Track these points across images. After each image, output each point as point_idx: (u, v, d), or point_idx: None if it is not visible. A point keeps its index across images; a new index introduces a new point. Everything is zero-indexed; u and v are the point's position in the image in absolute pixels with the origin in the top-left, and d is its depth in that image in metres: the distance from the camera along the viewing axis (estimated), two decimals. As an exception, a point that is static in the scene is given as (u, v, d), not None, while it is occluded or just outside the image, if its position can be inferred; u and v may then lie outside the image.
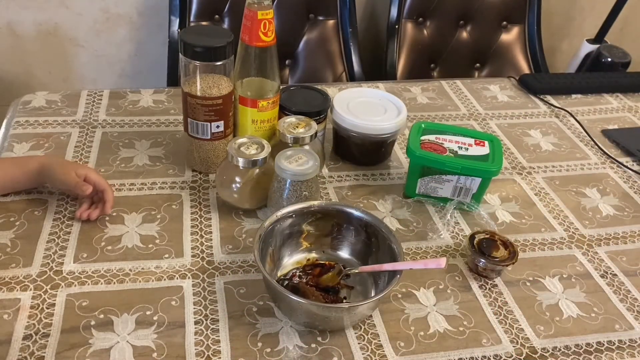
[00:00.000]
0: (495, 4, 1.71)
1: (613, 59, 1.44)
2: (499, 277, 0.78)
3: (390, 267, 0.69)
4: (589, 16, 2.01)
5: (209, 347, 0.65)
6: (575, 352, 0.69)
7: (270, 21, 0.79)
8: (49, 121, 0.98)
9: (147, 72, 1.81)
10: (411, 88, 1.21)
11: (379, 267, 0.71)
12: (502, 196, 0.93)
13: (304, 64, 1.66)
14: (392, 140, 0.95)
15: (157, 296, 0.70)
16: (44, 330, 0.64)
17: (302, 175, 0.76)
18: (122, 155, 0.92)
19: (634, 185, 0.99)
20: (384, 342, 0.68)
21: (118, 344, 0.64)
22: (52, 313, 0.66)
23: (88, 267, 0.72)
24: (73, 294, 0.69)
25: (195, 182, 0.88)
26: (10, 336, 0.63)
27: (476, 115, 1.14)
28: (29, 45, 1.69)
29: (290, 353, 0.65)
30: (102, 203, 0.79)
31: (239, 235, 0.80)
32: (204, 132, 0.85)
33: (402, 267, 0.68)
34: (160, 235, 0.78)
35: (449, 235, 0.84)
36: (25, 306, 0.67)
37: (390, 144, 0.96)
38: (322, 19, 1.64)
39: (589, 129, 1.12)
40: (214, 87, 0.81)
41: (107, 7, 1.67)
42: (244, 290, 0.72)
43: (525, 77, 1.26)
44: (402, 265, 0.68)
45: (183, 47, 0.79)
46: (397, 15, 1.65)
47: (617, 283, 0.79)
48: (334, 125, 0.94)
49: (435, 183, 0.86)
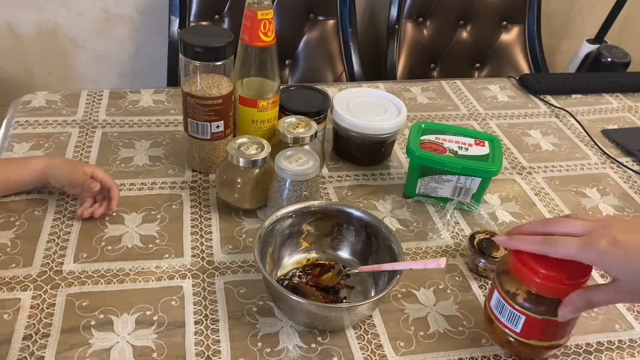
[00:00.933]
0: (495, 4, 1.71)
1: (613, 59, 1.44)
2: (499, 277, 0.78)
3: (389, 267, 0.69)
4: (589, 16, 2.01)
5: (209, 347, 0.65)
6: (575, 352, 0.69)
7: (270, 21, 0.79)
8: (49, 121, 0.98)
9: (147, 72, 1.82)
10: (411, 88, 1.21)
11: (379, 267, 0.71)
12: (502, 196, 0.93)
13: (304, 64, 1.66)
14: (392, 140, 0.95)
15: (157, 296, 0.70)
16: (44, 330, 0.64)
17: (302, 175, 0.76)
18: (122, 155, 0.92)
19: (634, 185, 0.99)
20: (384, 342, 0.68)
21: (118, 344, 0.64)
22: (52, 313, 0.66)
23: (88, 267, 0.72)
24: (73, 293, 0.69)
25: (195, 182, 0.88)
26: (11, 336, 0.63)
27: (476, 115, 1.14)
28: (29, 45, 1.70)
29: (290, 353, 0.65)
30: (107, 200, 0.79)
31: (239, 235, 0.80)
32: (204, 132, 0.85)
33: (402, 267, 0.68)
34: (160, 235, 0.78)
35: (449, 235, 0.84)
36: (25, 306, 0.67)
37: (390, 144, 0.96)
38: (322, 19, 1.64)
39: (589, 129, 1.12)
40: (214, 87, 0.81)
41: (107, 7, 1.67)
42: (244, 290, 0.72)
43: (525, 77, 1.26)
44: (402, 265, 0.68)
45: (183, 47, 0.79)
46: (397, 15, 1.65)
47: (617, 283, 0.79)
48: (334, 125, 0.94)
49: (435, 183, 0.86)
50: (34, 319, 0.65)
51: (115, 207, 0.79)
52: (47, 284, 0.70)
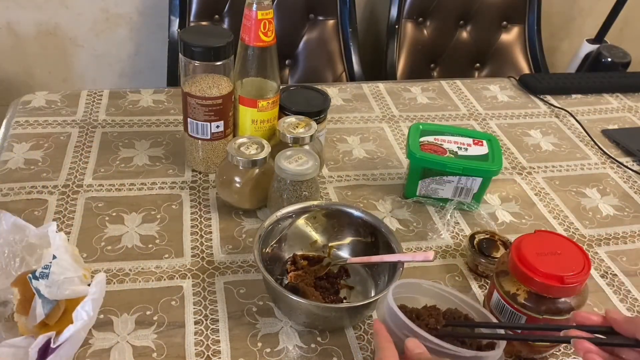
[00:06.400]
0: (495, 4, 1.71)
1: (613, 59, 1.44)
2: (499, 277, 0.78)
3: (378, 259, 0.70)
4: (589, 16, 2.01)
5: (209, 347, 0.65)
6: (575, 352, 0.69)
7: (270, 21, 0.78)
8: (48, 121, 0.98)
9: (147, 72, 1.81)
10: (411, 88, 1.21)
11: (368, 259, 0.71)
12: (502, 196, 0.93)
13: (304, 64, 1.66)
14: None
15: (157, 296, 0.70)
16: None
17: (302, 175, 0.76)
18: (122, 155, 0.92)
19: (634, 185, 0.99)
20: (384, 342, 0.67)
21: (118, 344, 0.64)
22: (52, 313, 0.66)
23: (88, 267, 0.72)
24: (73, 294, 0.69)
25: (195, 182, 0.88)
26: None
27: (476, 115, 1.14)
28: (29, 45, 1.69)
29: (290, 353, 0.65)
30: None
31: (239, 235, 0.80)
32: (204, 132, 0.85)
33: (390, 260, 0.68)
34: (160, 235, 0.78)
35: (449, 235, 0.84)
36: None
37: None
38: (322, 19, 1.64)
39: (589, 129, 1.12)
40: (214, 87, 0.81)
41: (107, 7, 1.67)
42: (244, 290, 0.72)
43: (525, 77, 1.26)
44: (391, 257, 0.68)
45: (183, 47, 0.79)
46: (397, 15, 1.65)
47: (617, 283, 0.79)
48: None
49: (436, 184, 0.86)
50: (33, 319, 0.65)
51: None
52: (47, 284, 0.70)
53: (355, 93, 1.17)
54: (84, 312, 0.58)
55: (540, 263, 0.59)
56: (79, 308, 0.58)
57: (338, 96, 1.15)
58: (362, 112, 1.11)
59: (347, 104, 1.13)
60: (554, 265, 0.59)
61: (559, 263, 0.60)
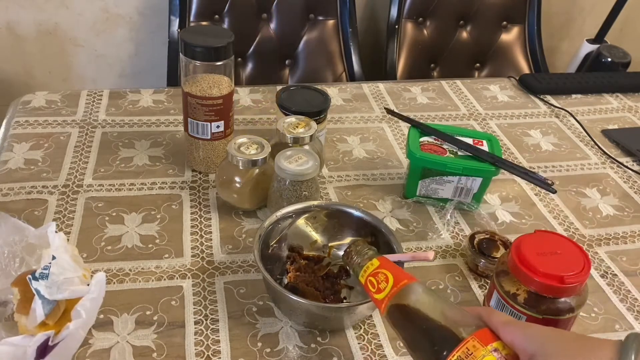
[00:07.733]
0: (495, 4, 1.71)
1: (613, 59, 1.44)
2: (499, 277, 0.78)
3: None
4: (589, 16, 2.01)
5: (209, 347, 0.65)
6: (575, 352, 0.69)
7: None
8: (48, 121, 0.98)
9: (147, 72, 1.81)
10: (411, 88, 1.21)
11: None
12: (502, 196, 0.93)
13: (304, 64, 1.66)
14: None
15: (157, 296, 0.70)
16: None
17: (302, 175, 0.76)
18: (122, 155, 0.92)
19: (634, 185, 0.99)
20: (384, 342, 0.67)
21: (118, 344, 0.64)
22: (52, 313, 0.66)
23: (88, 267, 0.72)
24: (73, 294, 0.69)
25: (195, 182, 0.88)
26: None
27: (476, 115, 1.14)
28: (28, 45, 1.69)
29: (290, 353, 0.65)
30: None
31: (239, 235, 0.80)
32: (204, 132, 0.85)
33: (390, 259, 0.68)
34: (160, 235, 0.78)
35: (449, 235, 0.84)
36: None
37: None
38: (322, 19, 1.64)
39: (589, 129, 1.12)
40: (214, 87, 0.81)
41: (107, 7, 1.67)
42: (244, 290, 0.72)
43: (525, 77, 1.26)
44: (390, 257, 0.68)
45: (183, 47, 0.79)
46: (397, 15, 1.65)
47: (617, 283, 0.79)
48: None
49: (436, 184, 0.86)
50: (33, 319, 0.65)
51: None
52: (47, 284, 0.70)
53: (355, 93, 1.17)
54: (82, 310, 0.58)
55: (540, 263, 0.59)
56: (77, 307, 0.59)
57: (338, 96, 1.15)
58: (362, 112, 1.11)
59: (347, 104, 1.13)
60: (553, 265, 0.59)
61: (559, 263, 0.60)
